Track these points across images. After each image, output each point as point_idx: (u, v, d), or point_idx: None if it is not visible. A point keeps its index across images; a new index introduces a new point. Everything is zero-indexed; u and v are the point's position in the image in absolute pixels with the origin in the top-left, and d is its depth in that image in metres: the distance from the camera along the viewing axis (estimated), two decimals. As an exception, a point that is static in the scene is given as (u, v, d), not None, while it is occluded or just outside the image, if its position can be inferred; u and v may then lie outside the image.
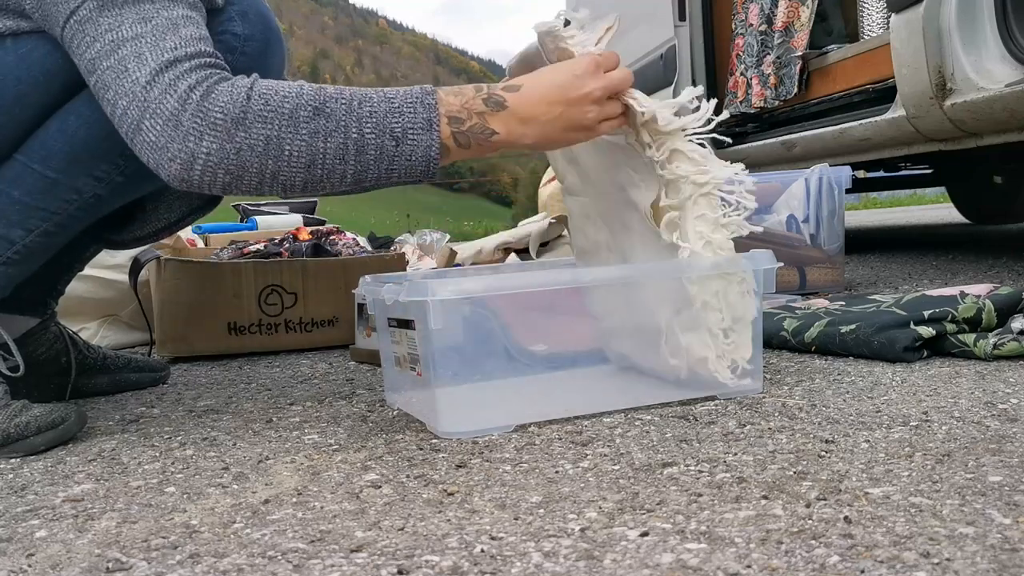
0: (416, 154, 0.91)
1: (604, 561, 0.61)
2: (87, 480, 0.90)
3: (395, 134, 0.90)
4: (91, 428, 1.15)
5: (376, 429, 1.05)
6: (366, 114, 0.90)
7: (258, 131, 0.88)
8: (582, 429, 0.98)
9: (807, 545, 0.62)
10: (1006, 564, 0.57)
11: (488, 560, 0.63)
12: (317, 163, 0.89)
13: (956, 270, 2.34)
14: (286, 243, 1.89)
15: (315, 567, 0.64)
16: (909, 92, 2.01)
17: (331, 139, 0.89)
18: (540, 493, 0.77)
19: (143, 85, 0.88)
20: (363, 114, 0.90)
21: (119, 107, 0.90)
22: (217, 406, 1.26)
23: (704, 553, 0.62)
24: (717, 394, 1.08)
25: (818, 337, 1.33)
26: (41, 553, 0.70)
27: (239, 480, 0.87)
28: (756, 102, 2.85)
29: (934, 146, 2.20)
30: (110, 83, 0.90)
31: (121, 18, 0.90)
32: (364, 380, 1.40)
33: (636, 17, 3.45)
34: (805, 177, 1.97)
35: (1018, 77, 1.70)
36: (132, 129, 0.90)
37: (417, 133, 0.91)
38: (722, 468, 0.80)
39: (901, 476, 0.75)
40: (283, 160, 0.89)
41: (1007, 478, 0.72)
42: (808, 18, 2.68)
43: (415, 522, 0.72)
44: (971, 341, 1.20)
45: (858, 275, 2.40)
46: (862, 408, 0.99)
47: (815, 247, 1.97)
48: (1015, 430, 0.86)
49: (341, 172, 0.91)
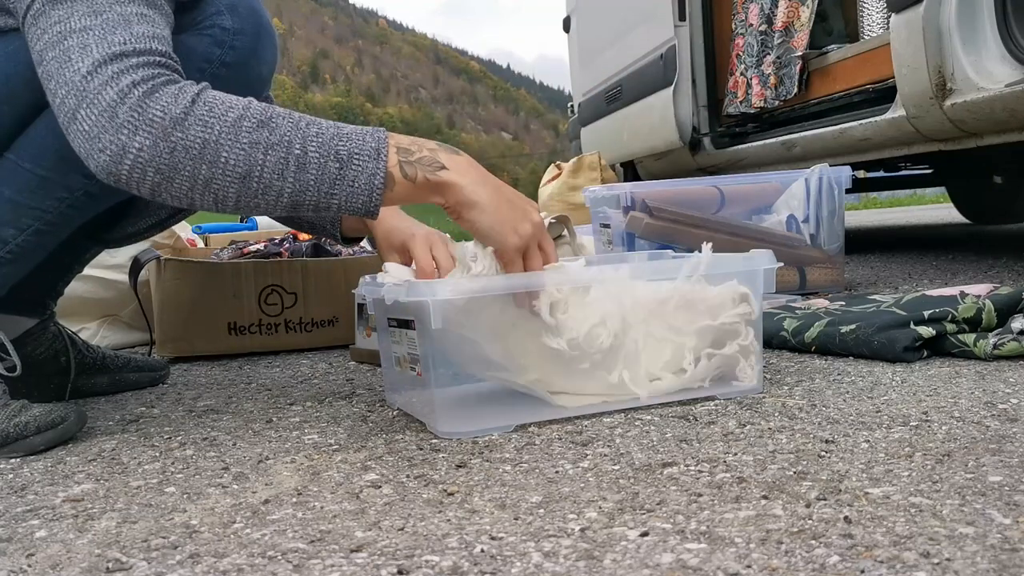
0: (359, 180, 0.87)
1: (604, 561, 0.61)
2: (87, 480, 0.90)
3: (340, 156, 0.87)
4: (91, 428, 1.15)
5: (376, 429, 1.05)
6: (312, 133, 0.87)
7: (196, 133, 0.84)
8: (582, 429, 0.98)
9: (807, 545, 0.62)
10: (1006, 564, 0.57)
11: (488, 560, 0.63)
12: (254, 175, 0.86)
13: (956, 270, 2.34)
14: (286, 243, 1.89)
15: (315, 567, 0.64)
16: (909, 92, 2.01)
17: (272, 152, 0.86)
18: (540, 493, 0.77)
19: (83, 75, 0.85)
20: (309, 133, 0.87)
21: (59, 96, 0.87)
22: (217, 406, 1.26)
23: (704, 553, 0.62)
24: (717, 394, 1.08)
25: (818, 337, 1.33)
26: (41, 553, 0.70)
27: (239, 480, 0.87)
28: (756, 102, 2.85)
29: (934, 146, 2.20)
30: (53, 73, 0.87)
31: (72, 10, 0.88)
32: (364, 380, 1.40)
33: (636, 17, 3.45)
34: (805, 177, 1.97)
35: (1018, 77, 1.70)
36: (68, 118, 0.86)
37: (363, 159, 0.87)
38: (722, 468, 0.80)
39: (901, 476, 0.75)
40: (218, 167, 0.85)
41: (1007, 478, 0.72)
42: (808, 18, 2.68)
43: (415, 522, 0.72)
44: (971, 341, 1.20)
45: (858, 275, 2.40)
46: (862, 408, 0.99)
47: (815, 247, 1.97)
48: (1015, 430, 0.86)
49: (278, 189, 0.86)
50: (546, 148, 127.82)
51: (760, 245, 1.61)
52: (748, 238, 1.86)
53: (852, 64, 2.49)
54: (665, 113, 3.16)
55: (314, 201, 0.88)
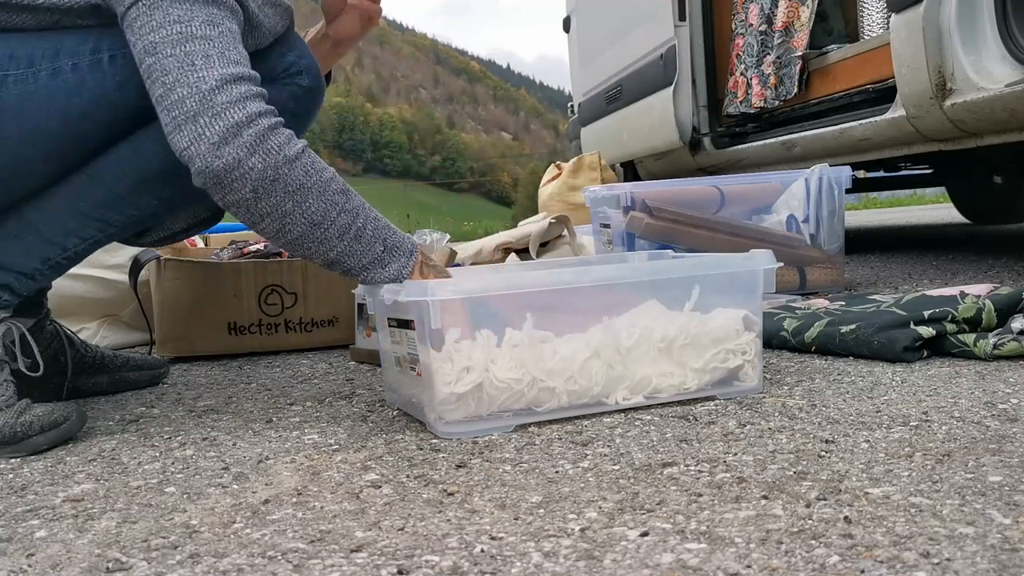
0: (391, 267, 1.04)
1: (604, 561, 0.61)
2: (87, 480, 0.90)
3: (386, 243, 1.04)
4: (91, 428, 1.15)
5: (376, 429, 1.05)
6: (372, 216, 1.04)
7: (298, 175, 0.99)
8: (582, 429, 0.98)
9: (807, 545, 0.62)
10: (1006, 564, 0.57)
11: (488, 560, 0.63)
12: (322, 226, 1.01)
13: (956, 270, 2.34)
14: (286, 243, 1.88)
15: (315, 567, 0.64)
16: (909, 92, 2.01)
17: (342, 216, 1.01)
18: (540, 493, 0.77)
19: (211, 87, 0.95)
20: (370, 216, 1.04)
21: (177, 94, 0.96)
22: (217, 406, 1.26)
23: (704, 553, 0.62)
24: (717, 394, 1.08)
25: (818, 337, 1.33)
26: (41, 553, 0.70)
27: (239, 480, 0.87)
28: (756, 102, 2.85)
29: (934, 146, 2.20)
30: (171, 69, 0.96)
31: (192, 14, 0.98)
32: (364, 380, 1.40)
33: (636, 17, 3.45)
34: (805, 177, 1.97)
35: (1018, 77, 1.70)
36: (185, 118, 0.96)
37: (400, 254, 1.05)
38: (722, 468, 0.80)
39: (901, 476, 0.75)
40: (300, 208, 0.99)
41: (1007, 478, 0.72)
42: (808, 18, 2.68)
43: (415, 522, 0.72)
44: (971, 341, 1.20)
45: (858, 275, 2.40)
46: (862, 408, 0.99)
47: (815, 247, 1.97)
48: (1015, 430, 0.86)
49: (331, 246, 1.02)
50: (546, 148, 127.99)
51: (760, 245, 1.61)
52: (748, 238, 1.86)
53: (852, 64, 2.49)
54: (665, 113, 3.16)
55: (351, 266, 1.04)
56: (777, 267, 1.11)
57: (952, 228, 4.40)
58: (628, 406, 1.04)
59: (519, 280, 1.07)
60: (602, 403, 1.04)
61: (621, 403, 1.04)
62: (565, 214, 2.22)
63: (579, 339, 1.03)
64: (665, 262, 1.29)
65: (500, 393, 0.99)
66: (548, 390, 1.01)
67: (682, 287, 1.08)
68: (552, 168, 3.64)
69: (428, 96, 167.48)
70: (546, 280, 1.08)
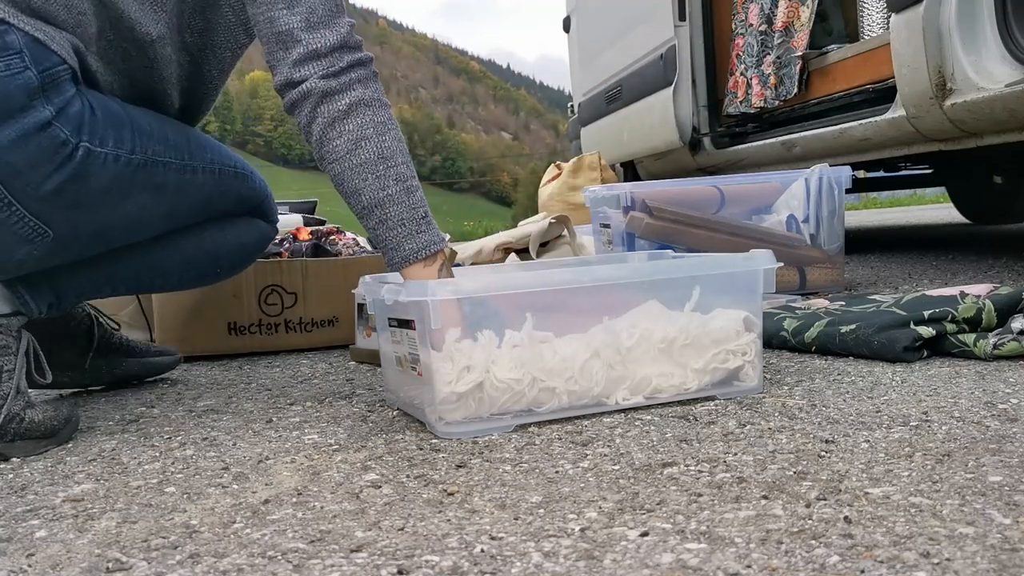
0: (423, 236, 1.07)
1: (604, 561, 0.61)
2: (87, 480, 0.90)
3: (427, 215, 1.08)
4: (91, 428, 1.15)
5: (376, 429, 1.05)
6: (415, 185, 1.08)
7: (385, 115, 1.07)
8: (582, 429, 0.98)
9: (807, 545, 0.62)
10: (1006, 564, 0.57)
11: (488, 560, 0.63)
12: (388, 161, 1.06)
13: (956, 270, 2.34)
14: (286, 243, 1.88)
15: (315, 567, 0.64)
16: (909, 92, 2.01)
17: (404, 166, 1.07)
18: (540, 493, 0.77)
19: (342, 35, 1.05)
20: (414, 185, 1.08)
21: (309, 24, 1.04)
22: (217, 406, 1.26)
23: (704, 553, 0.62)
24: (717, 394, 1.08)
25: (818, 337, 1.33)
26: (41, 553, 0.70)
27: (239, 480, 0.87)
28: (756, 102, 2.85)
29: (934, 146, 2.20)
30: (318, 7, 1.04)
31: None
32: (364, 380, 1.40)
33: (636, 17, 3.45)
34: (805, 177, 1.97)
35: (1018, 77, 1.70)
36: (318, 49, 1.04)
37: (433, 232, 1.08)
38: (722, 468, 0.80)
39: (901, 476, 0.75)
40: (378, 138, 1.05)
41: (1007, 478, 0.72)
42: (808, 18, 2.68)
43: (415, 522, 0.72)
44: (971, 341, 1.20)
45: (858, 275, 2.40)
46: (862, 408, 0.99)
47: (815, 247, 1.97)
48: (1015, 430, 0.86)
49: (384, 184, 1.05)
50: (546, 148, 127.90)
51: (760, 245, 1.61)
52: (748, 238, 1.86)
53: (852, 64, 2.49)
54: (665, 113, 3.16)
55: (389, 215, 1.06)
56: (777, 267, 1.11)
57: (952, 228, 4.40)
58: (628, 406, 1.04)
59: (519, 280, 1.07)
60: (602, 403, 1.04)
61: (621, 403, 1.04)
62: (565, 214, 2.22)
63: (579, 339, 1.03)
64: (665, 262, 1.29)
65: (501, 394, 0.99)
66: (548, 390, 1.01)
67: (682, 287, 1.08)
68: (552, 168, 3.64)
69: (428, 96, 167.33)
70: (546, 280, 1.08)
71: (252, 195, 1.31)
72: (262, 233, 1.36)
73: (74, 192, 1.04)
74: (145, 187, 1.12)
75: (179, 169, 1.16)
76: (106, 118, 1.06)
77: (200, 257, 1.28)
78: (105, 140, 1.05)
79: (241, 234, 1.32)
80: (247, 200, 1.31)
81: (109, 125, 1.06)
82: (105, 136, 1.05)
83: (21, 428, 1.01)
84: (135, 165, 1.09)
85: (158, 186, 1.14)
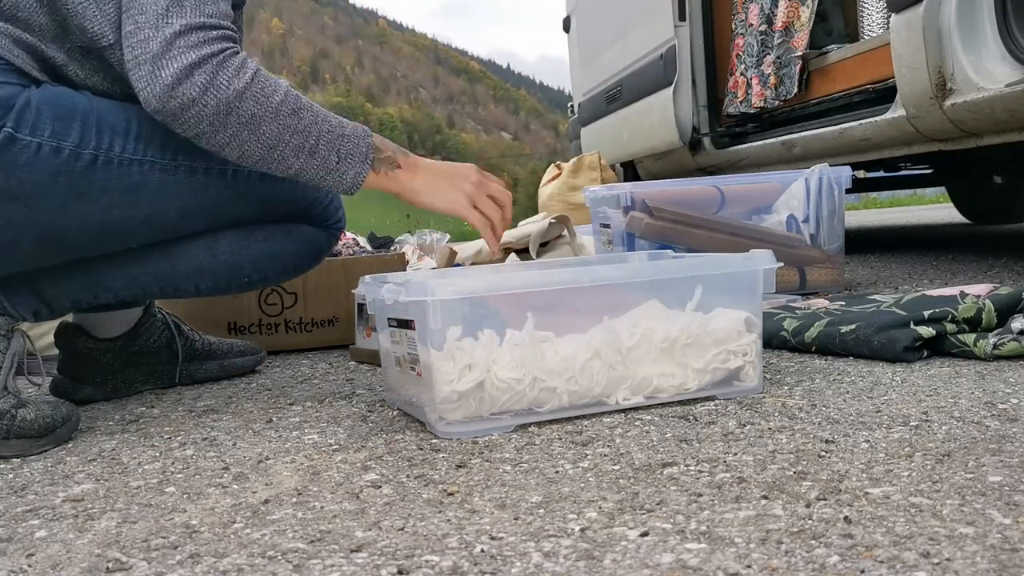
0: (348, 175, 1.10)
1: (604, 561, 0.61)
2: (87, 480, 0.90)
3: (340, 154, 1.09)
4: (91, 428, 1.15)
5: (376, 429, 1.05)
6: (324, 130, 1.08)
7: (249, 107, 1.03)
8: (582, 429, 0.98)
9: (807, 545, 0.62)
10: (1006, 564, 0.57)
11: (488, 560, 0.63)
12: (278, 149, 1.05)
13: (956, 270, 2.34)
14: (286, 243, 1.88)
15: (315, 567, 0.64)
16: (909, 92, 2.01)
17: (295, 137, 1.06)
18: (540, 493, 0.77)
19: (175, 31, 0.99)
20: (323, 129, 1.08)
21: (144, 34, 1.00)
22: (217, 406, 1.26)
23: (704, 553, 0.62)
24: (717, 394, 1.08)
25: (818, 337, 1.33)
26: (41, 553, 0.70)
27: (239, 480, 0.87)
28: (756, 102, 2.85)
29: (934, 146, 2.20)
30: (147, 8, 1.00)
31: None
32: (364, 380, 1.40)
33: (636, 17, 3.45)
34: (805, 177, 1.97)
35: (1018, 77, 1.70)
36: (148, 58, 0.99)
37: (355, 160, 1.10)
38: (722, 468, 0.80)
39: (901, 476, 0.75)
40: (256, 136, 1.04)
41: (1007, 478, 0.72)
42: (808, 18, 2.68)
43: (415, 522, 0.72)
44: (971, 341, 1.20)
45: (858, 275, 2.40)
46: (862, 408, 0.99)
47: (815, 247, 1.97)
48: (1015, 430, 0.86)
49: (290, 163, 1.07)
50: (546, 148, 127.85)
51: (760, 245, 1.61)
52: (748, 238, 1.86)
53: (852, 64, 2.49)
54: (665, 113, 3.16)
55: (311, 179, 1.10)
56: (777, 267, 1.11)
57: (952, 228, 4.40)
58: (628, 406, 1.04)
59: (519, 280, 1.07)
60: (603, 403, 1.04)
61: (622, 403, 1.04)
62: (565, 214, 2.22)
63: (580, 339, 1.03)
64: (666, 262, 1.29)
65: (501, 393, 0.99)
66: (549, 390, 1.01)
67: (683, 287, 1.08)
68: (552, 168, 3.64)
69: (428, 96, 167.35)
70: (546, 280, 1.08)
71: (285, 198, 1.25)
72: (306, 240, 1.30)
73: (2, 181, 1.01)
74: (109, 187, 1.07)
75: (165, 169, 1.11)
76: (52, 110, 1.03)
77: (214, 266, 1.23)
78: (39, 129, 1.02)
79: (273, 242, 1.26)
80: (279, 204, 1.25)
81: (52, 116, 1.03)
82: (39, 125, 1.02)
83: (13, 425, 1.01)
84: (86, 161, 1.05)
85: (130, 187, 1.09)
